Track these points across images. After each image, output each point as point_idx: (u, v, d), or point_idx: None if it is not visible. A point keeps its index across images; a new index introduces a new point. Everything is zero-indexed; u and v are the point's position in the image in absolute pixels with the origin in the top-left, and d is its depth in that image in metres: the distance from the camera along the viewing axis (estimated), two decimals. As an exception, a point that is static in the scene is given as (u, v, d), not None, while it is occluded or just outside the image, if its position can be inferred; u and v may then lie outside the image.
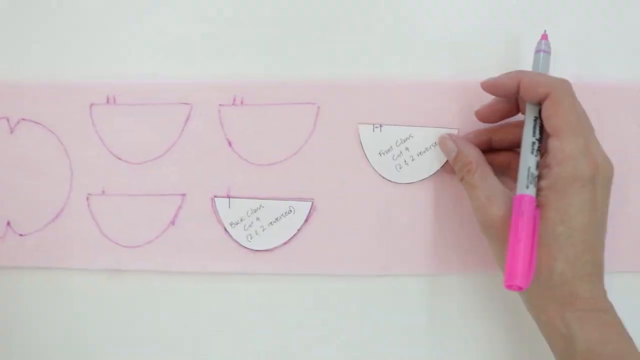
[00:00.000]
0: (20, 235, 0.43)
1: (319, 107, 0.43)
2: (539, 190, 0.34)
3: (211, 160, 0.43)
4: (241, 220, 0.42)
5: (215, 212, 0.43)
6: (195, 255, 0.42)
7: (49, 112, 0.44)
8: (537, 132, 0.35)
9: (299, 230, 0.42)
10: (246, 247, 0.42)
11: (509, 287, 0.32)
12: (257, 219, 0.42)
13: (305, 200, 0.42)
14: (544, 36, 0.40)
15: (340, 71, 0.44)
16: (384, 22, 0.44)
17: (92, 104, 0.44)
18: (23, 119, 0.44)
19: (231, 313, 0.42)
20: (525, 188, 0.34)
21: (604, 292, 0.34)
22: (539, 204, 0.34)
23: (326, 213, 0.42)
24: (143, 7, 0.45)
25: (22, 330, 0.43)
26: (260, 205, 0.42)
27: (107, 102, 0.44)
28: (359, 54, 0.44)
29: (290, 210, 0.42)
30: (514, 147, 0.39)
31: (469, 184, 0.37)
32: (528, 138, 0.35)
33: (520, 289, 0.32)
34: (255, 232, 0.42)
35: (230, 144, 0.43)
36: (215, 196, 0.43)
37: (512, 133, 0.39)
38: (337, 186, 0.42)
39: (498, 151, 0.40)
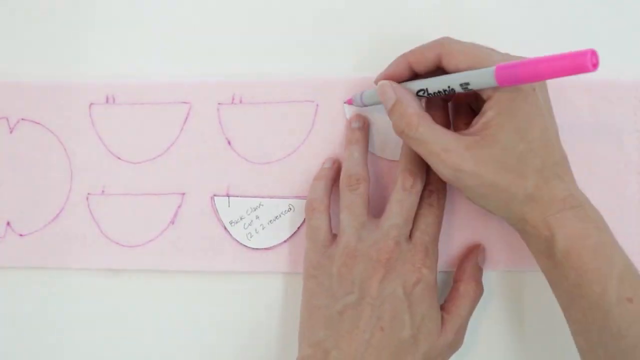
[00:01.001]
0: (20, 235, 0.43)
1: (317, 106, 0.43)
2: (484, 128, 0.34)
3: (210, 159, 0.43)
4: (241, 218, 0.42)
5: (215, 211, 0.43)
6: (195, 254, 0.42)
7: (49, 111, 0.44)
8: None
9: (298, 228, 0.42)
10: (246, 246, 0.42)
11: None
12: (257, 217, 0.42)
13: (305, 198, 0.42)
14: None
15: (339, 69, 0.44)
16: (383, 21, 0.44)
17: (91, 104, 0.44)
18: (22, 119, 0.44)
19: (231, 312, 0.42)
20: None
21: (576, 187, 0.35)
22: (488, 139, 0.34)
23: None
24: (142, 7, 0.45)
25: (22, 330, 0.43)
26: (260, 204, 0.42)
27: (107, 101, 0.44)
28: (359, 53, 0.44)
29: (290, 209, 0.42)
30: (434, 69, 0.37)
31: (415, 140, 0.35)
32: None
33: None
34: (255, 230, 0.42)
35: (229, 142, 0.43)
36: (215, 195, 0.43)
37: (427, 55, 0.37)
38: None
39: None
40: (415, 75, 0.37)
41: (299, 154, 0.43)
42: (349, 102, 0.42)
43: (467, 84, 0.34)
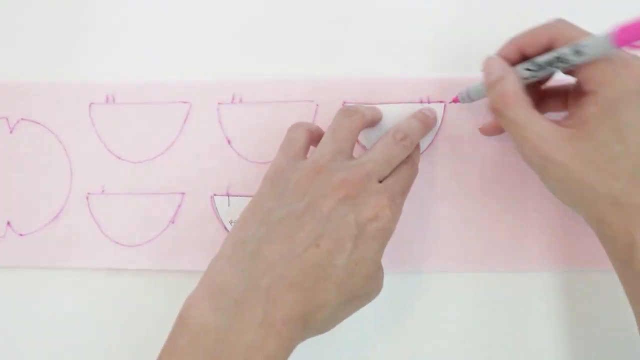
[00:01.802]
0: (20, 235, 0.43)
1: (317, 105, 0.43)
2: (583, 122, 0.33)
3: (210, 158, 0.43)
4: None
5: (215, 210, 0.43)
6: (195, 254, 0.42)
7: (49, 111, 0.44)
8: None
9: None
10: (246, 246, 0.42)
11: None
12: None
13: (305, 198, 0.42)
14: None
15: (338, 69, 0.44)
16: (382, 20, 0.44)
17: (91, 103, 0.44)
18: (22, 119, 0.44)
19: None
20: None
21: None
22: (586, 135, 0.33)
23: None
24: (142, 7, 0.45)
25: (22, 330, 0.43)
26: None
27: (107, 101, 0.44)
28: (358, 52, 0.44)
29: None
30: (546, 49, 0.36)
31: (510, 121, 0.34)
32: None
33: None
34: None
35: (229, 142, 0.43)
36: (215, 194, 0.43)
37: (539, 38, 0.36)
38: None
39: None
40: (525, 59, 0.36)
41: (299, 153, 0.43)
42: (455, 100, 0.40)
43: (580, 48, 0.32)
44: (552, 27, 0.35)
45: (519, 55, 0.36)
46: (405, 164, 0.37)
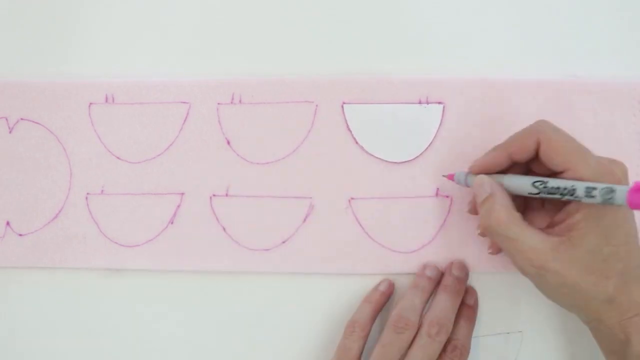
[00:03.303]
0: (20, 235, 0.43)
1: (317, 106, 0.43)
2: (570, 230, 0.34)
3: (210, 159, 0.43)
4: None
5: (214, 211, 0.43)
6: (194, 254, 0.42)
7: (48, 111, 0.44)
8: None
9: (297, 229, 0.42)
10: (245, 246, 0.42)
11: None
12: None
13: (304, 198, 0.42)
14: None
15: (338, 69, 0.44)
16: (382, 20, 0.44)
17: (90, 103, 0.44)
18: (22, 119, 0.44)
19: (230, 311, 0.42)
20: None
21: None
22: (575, 241, 0.34)
23: (324, 211, 0.42)
24: (142, 7, 0.45)
25: (22, 330, 0.43)
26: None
27: (106, 101, 0.44)
28: (358, 52, 0.44)
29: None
30: (534, 157, 0.37)
31: (503, 237, 0.35)
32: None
33: None
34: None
35: (228, 142, 0.43)
36: (214, 195, 0.43)
37: (527, 144, 0.37)
38: (335, 184, 0.42)
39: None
40: (513, 164, 0.37)
41: (298, 153, 0.43)
42: (450, 177, 0.40)
43: (593, 190, 0.33)
44: (536, 131, 0.36)
45: (508, 161, 0.37)
46: (448, 357, 0.38)
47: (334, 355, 0.39)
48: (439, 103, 0.42)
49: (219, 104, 0.43)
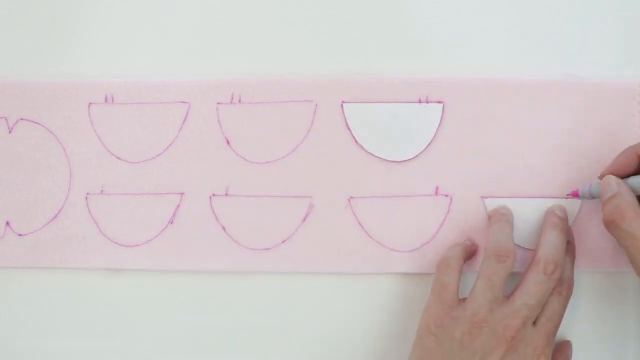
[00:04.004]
0: (20, 235, 0.43)
1: (316, 105, 0.43)
2: None
3: (209, 158, 0.43)
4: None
5: (214, 210, 0.43)
6: (193, 254, 0.42)
7: (48, 111, 0.44)
8: None
9: (297, 228, 0.42)
10: (245, 246, 0.42)
11: None
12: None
13: (303, 198, 0.42)
14: None
15: (338, 69, 0.44)
16: (382, 20, 0.44)
17: (90, 103, 0.44)
18: (21, 119, 0.44)
19: (230, 311, 0.42)
20: None
21: None
22: None
23: (324, 211, 0.42)
24: (141, 6, 0.45)
25: (22, 330, 0.43)
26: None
27: (106, 101, 0.44)
28: (357, 52, 0.44)
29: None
30: None
31: (626, 233, 0.35)
32: None
33: None
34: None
35: (228, 142, 0.43)
36: (214, 194, 0.43)
37: None
38: (335, 184, 0.42)
39: None
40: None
41: (297, 153, 0.43)
42: (575, 194, 0.40)
43: None
44: None
45: (637, 163, 0.37)
46: (557, 294, 0.37)
47: (431, 294, 0.39)
48: (439, 102, 0.42)
49: (218, 103, 0.43)
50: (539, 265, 0.37)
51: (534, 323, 0.36)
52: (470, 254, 0.41)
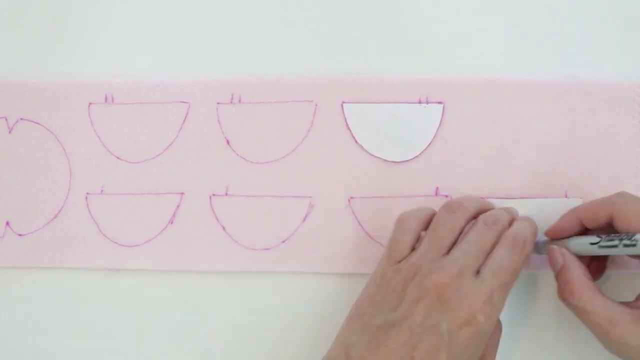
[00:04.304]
0: (20, 235, 0.43)
1: (316, 105, 0.43)
2: None
3: (209, 158, 0.43)
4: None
5: (214, 210, 0.43)
6: (193, 254, 0.42)
7: (48, 111, 0.44)
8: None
9: (297, 228, 0.42)
10: (245, 246, 0.42)
11: None
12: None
13: (303, 197, 0.42)
14: None
15: (338, 69, 0.44)
16: (382, 20, 0.44)
17: (90, 103, 0.44)
18: (21, 119, 0.44)
19: (230, 311, 0.42)
20: None
21: None
22: None
23: (324, 211, 0.42)
24: (141, 6, 0.45)
25: (22, 330, 0.43)
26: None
27: (106, 101, 0.44)
28: (357, 52, 0.44)
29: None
30: (605, 226, 0.36)
31: (578, 308, 0.34)
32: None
33: None
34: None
35: (228, 142, 0.43)
36: (214, 194, 0.43)
37: (599, 213, 0.36)
38: (335, 184, 0.42)
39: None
40: (585, 231, 0.37)
41: (297, 153, 0.43)
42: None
43: None
44: (611, 204, 0.35)
45: (580, 226, 0.36)
46: (505, 250, 0.35)
47: (384, 250, 0.37)
48: (439, 103, 0.42)
49: (218, 103, 0.43)
50: (479, 219, 0.36)
51: (477, 274, 0.34)
52: (429, 219, 0.38)
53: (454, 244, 0.36)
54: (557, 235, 0.37)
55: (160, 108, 0.43)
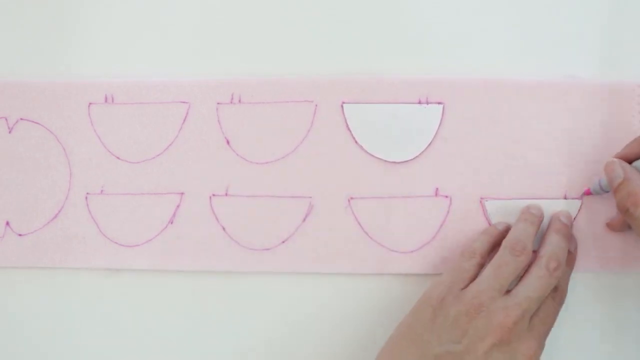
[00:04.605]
0: (20, 235, 0.43)
1: (316, 105, 0.43)
2: None
3: (209, 158, 0.43)
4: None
5: (214, 210, 0.43)
6: (193, 254, 0.42)
7: (48, 111, 0.44)
8: None
9: (297, 228, 0.42)
10: (245, 246, 0.42)
11: None
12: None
13: (303, 198, 0.42)
14: None
15: (338, 69, 0.44)
16: (382, 20, 0.44)
17: (90, 103, 0.44)
18: (22, 119, 0.44)
19: (230, 312, 0.42)
20: None
21: None
22: None
23: (324, 211, 0.42)
24: (141, 7, 0.45)
25: (22, 330, 0.43)
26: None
27: (106, 101, 0.44)
28: (357, 52, 0.44)
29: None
30: None
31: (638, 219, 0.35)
32: None
33: None
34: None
35: (228, 142, 0.43)
36: (214, 195, 0.43)
37: None
38: (335, 184, 0.42)
39: None
40: None
41: (297, 153, 0.43)
42: (587, 192, 0.40)
43: None
44: None
45: None
46: (551, 299, 0.37)
47: (446, 274, 0.38)
48: (439, 103, 0.42)
49: (218, 103, 0.43)
50: (542, 261, 0.37)
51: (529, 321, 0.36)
52: (500, 238, 0.40)
53: (513, 283, 0.37)
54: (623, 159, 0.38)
55: (160, 108, 0.44)
